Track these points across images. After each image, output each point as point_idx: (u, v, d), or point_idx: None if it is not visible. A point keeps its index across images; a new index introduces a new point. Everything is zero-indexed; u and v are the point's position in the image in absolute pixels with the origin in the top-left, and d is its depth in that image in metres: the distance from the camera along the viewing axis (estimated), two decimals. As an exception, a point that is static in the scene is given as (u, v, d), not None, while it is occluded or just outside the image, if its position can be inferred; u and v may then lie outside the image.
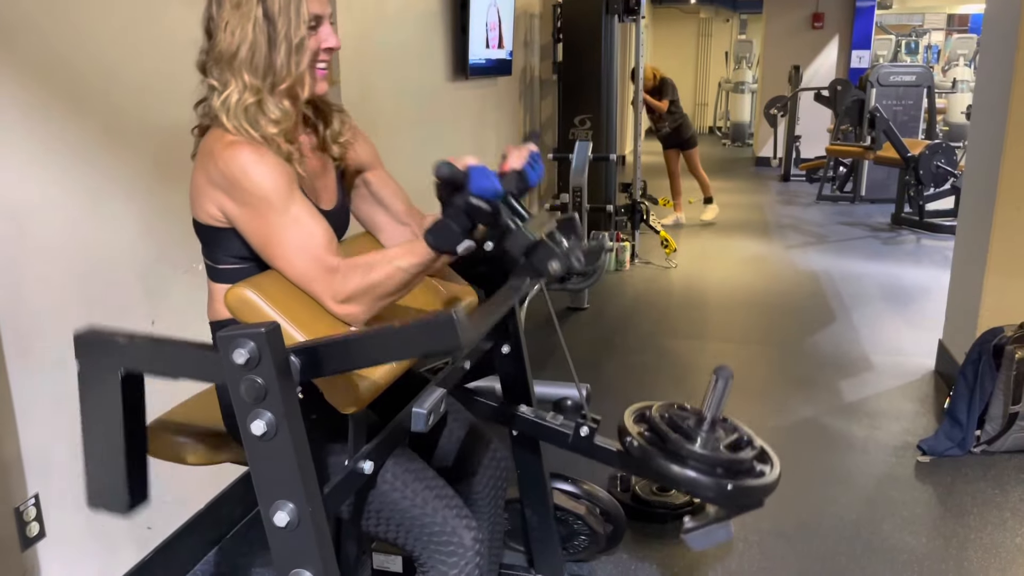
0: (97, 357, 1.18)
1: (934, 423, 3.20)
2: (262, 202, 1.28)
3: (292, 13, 1.32)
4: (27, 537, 1.75)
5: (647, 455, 1.49)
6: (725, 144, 14.82)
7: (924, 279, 5.42)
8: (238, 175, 1.28)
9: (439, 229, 1.27)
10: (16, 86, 1.68)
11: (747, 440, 1.54)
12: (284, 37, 1.32)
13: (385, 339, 1.12)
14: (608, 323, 4.59)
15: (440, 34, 4.33)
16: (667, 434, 1.49)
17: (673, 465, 1.46)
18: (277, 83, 1.34)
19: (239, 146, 1.29)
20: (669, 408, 1.61)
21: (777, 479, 1.51)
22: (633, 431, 1.55)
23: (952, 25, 16.30)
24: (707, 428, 1.50)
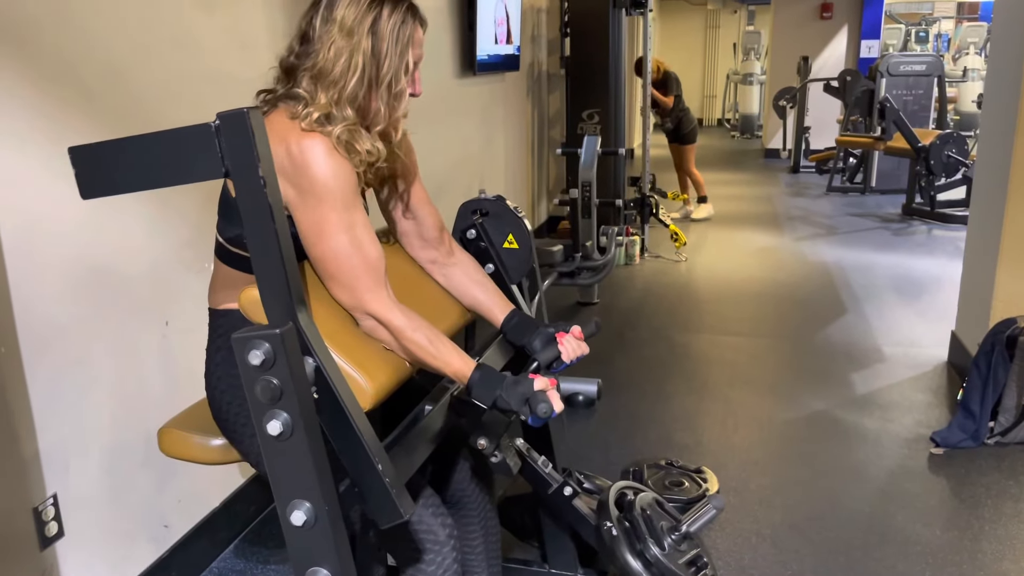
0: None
1: (947, 415, 3.18)
2: (327, 194, 1.28)
3: (398, 58, 1.33)
4: (46, 536, 1.77)
5: (615, 545, 1.60)
6: (734, 136, 14.76)
7: (936, 270, 5.39)
8: (311, 162, 1.27)
9: (488, 386, 1.35)
10: (26, 90, 1.69)
11: (704, 562, 1.64)
12: (387, 84, 1.34)
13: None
14: (618, 317, 4.59)
15: (448, 31, 4.33)
16: (641, 533, 1.61)
17: (633, 561, 1.58)
18: (372, 124, 1.37)
19: (316, 136, 1.29)
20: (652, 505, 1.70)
21: None
22: (612, 515, 1.65)
23: (962, 13, 16.16)
24: (676, 539, 1.61)
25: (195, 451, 1.58)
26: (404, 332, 1.32)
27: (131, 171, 1.10)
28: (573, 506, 1.80)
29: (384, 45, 1.32)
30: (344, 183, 1.30)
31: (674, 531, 1.63)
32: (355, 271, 1.30)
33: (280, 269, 1.09)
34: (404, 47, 1.34)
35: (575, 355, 1.58)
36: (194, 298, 2.20)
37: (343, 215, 1.29)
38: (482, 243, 1.84)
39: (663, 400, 3.40)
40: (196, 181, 1.10)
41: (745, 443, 3.01)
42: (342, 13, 1.31)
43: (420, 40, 1.39)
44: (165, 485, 2.16)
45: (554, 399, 1.31)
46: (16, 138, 1.66)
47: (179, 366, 2.16)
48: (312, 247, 1.31)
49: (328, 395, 1.13)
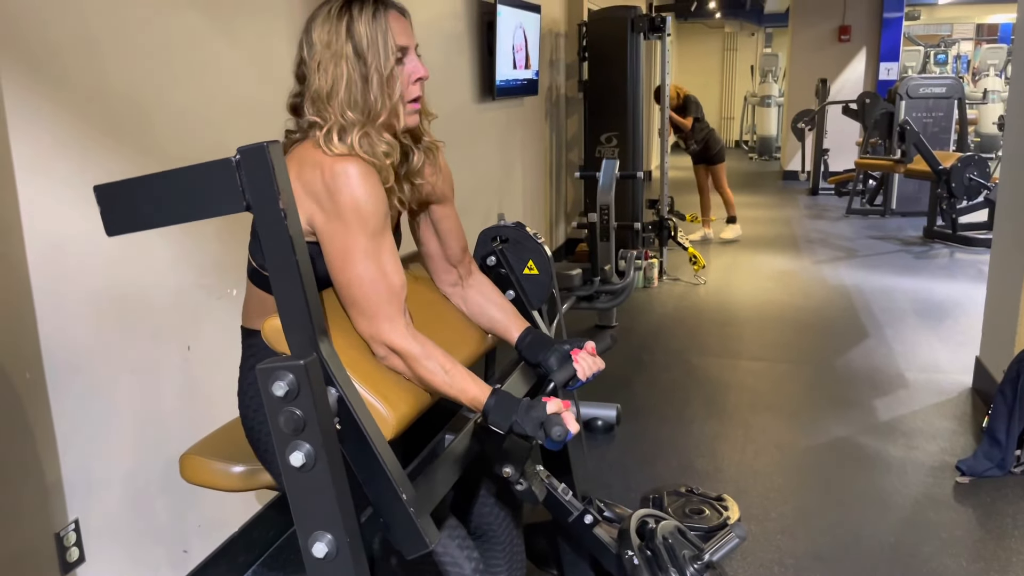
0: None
1: (972, 443, 3.14)
2: (356, 220, 1.29)
3: (380, 46, 1.36)
4: (67, 562, 1.78)
5: (636, 574, 1.57)
6: (752, 158, 14.74)
7: (959, 294, 5.33)
8: (342, 187, 1.29)
9: (504, 411, 1.34)
10: (54, 117, 1.72)
11: None
12: (375, 71, 1.36)
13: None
14: (637, 341, 4.57)
15: (467, 56, 4.37)
16: (663, 563, 1.58)
17: None
18: (374, 117, 1.37)
19: (351, 160, 1.31)
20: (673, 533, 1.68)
21: None
22: (634, 543, 1.62)
23: (981, 35, 16.12)
24: (698, 569, 1.58)
25: (217, 478, 1.58)
26: (419, 361, 1.32)
27: (155, 207, 1.11)
28: (594, 534, 1.78)
29: (364, 42, 1.35)
30: (375, 209, 1.31)
31: (696, 560, 1.60)
32: (378, 298, 1.31)
33: (302, 301, 1.09)
34: (384, 34, 1.36)
35: (591, 372, 1.57)
36: (216, 324, 2.22)
37: (371, 242, 1.30)
38: (502, 270, 1.84)
39: (683, 425, 3.37)
40: (218, 215, 1.11)
41: (766, 470, 2.97)
42: (318, 35, 1.37)
43: (403, 27, 1.40)
44: (185, 510, 2.16)
45: (568, 421, 1.30)
46: (42, 166, 1.69)
47: (201, 392, 2.17)
48: (338, 272, 1.32)
49: (351, 425, 1.13)
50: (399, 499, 1.13)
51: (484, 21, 4.52)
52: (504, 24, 4.62)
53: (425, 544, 1.15)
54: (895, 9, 10.73)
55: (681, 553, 1.61)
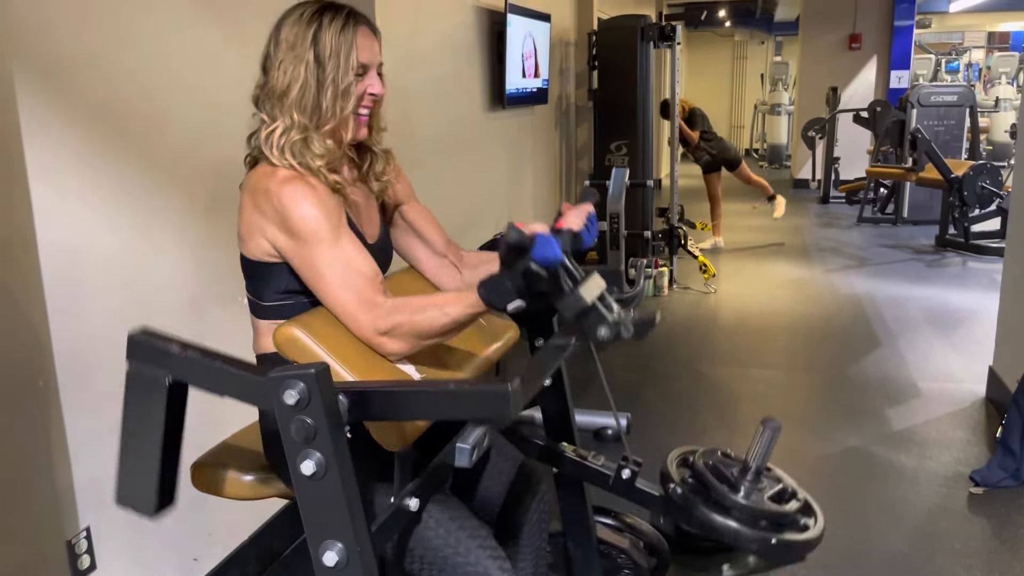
0: (147, 362, 1.23)
1: (986, 452, 3.11)
2: (312, 236, 1.32)
3: (341, 59, 1.39)
4: (78, 570, 1.78)
5: (690, 503, 1.47)
6: (762, 166, 14.71)
7: (971, 303, 5.30)
8: (290, 208, 1.32)
9: (494, 286, 1.28)
10: (74, 126, 1.73)
11: (791, 492, 1.51)
12: (331, 81, 1.39)
13: (436, 397, 1.15)
14: (647, 349, 4.56)
15: (477, 65, 4.39)
16: (711, 483, 1.47)
17: (716, 515, 1.43)
18: (322, 124, 1.40)
19: (292, 180, 1.34)
20: (713, 455, 1.59)
21: (821, 534, 1.48)
22: (676, 477, 1.53)
23: (993, 43, 16.06)
24: (751, 478, 1.47)
25: (228, 486, 1.58)
26: (413, 321, 1.30)
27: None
28: (637, 488, 1.71)
29: (327, 51, 1.38)
30: (326, 217, 1.33)
31: (745, 472, 1.49)
32: (355, 295, 1.31)
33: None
34: (348, 49, 1.39)
35: (583, 218, 1.46)
36: (226, 333, 2.22)
37: (332, 248, 1.32)
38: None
39: (693, 434, 3.36)
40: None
41: (778, 480, 2.95)
42: (286, 33, 1.40)
43: (369, 44, 1.43)
44: (195, 519, 2.16)
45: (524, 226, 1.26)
46: (56, 176, 1.70)
47: (211, 401, 2.17)
48: (314, 286, 1.34)
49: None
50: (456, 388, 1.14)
51: (494, 30, 4.54)
52: (514, 33, 4.64)
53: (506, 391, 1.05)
54: (906, 17, 10.71)
55: (729, 472, 1.54)
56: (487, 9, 4.48)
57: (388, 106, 3.34)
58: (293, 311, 1.37)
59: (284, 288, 1.40)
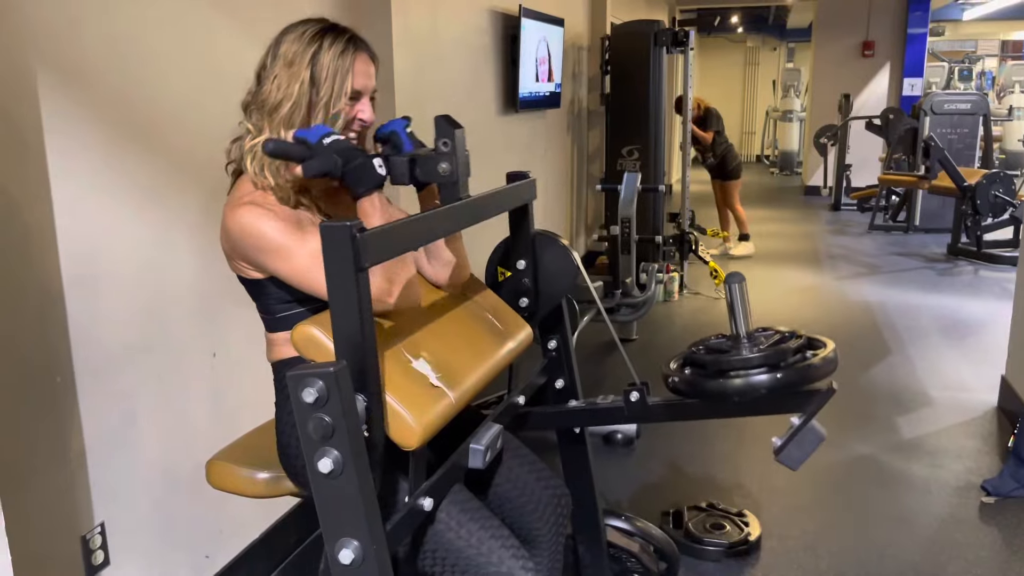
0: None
1: (998, 462, 3.10)
2: (281, 248, 1.34)
3: (336, 83, 1.40)
4: (92, 565, 1.80)
5: (695, 384, 1.49)
6: (773, 173, 14.68)
7: (984, 312, 5.27)
8: (250, 232, 1.34)
9: (353, 179, 1.31)
10: (95, 126, 1.75)
11: (790, 334, 1.51)
12: (324, 104, 1.40)
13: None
14: (657, 355, 4.55)
15: (491, 69, 4.40)
16: (706, 359, 1.50)
17: (721, 380, 1.46)
18: None
19: (241, 209, 1.36)
20: (703, 341, 1.61)
21: (833, 353, 1.48)
22: (674, 366, 1.57)
23: (1006, 51, 15.99)
24: (744, 339, 1.49)
25: (243, 484, 1.59)
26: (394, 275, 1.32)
27: None
28: (650, 405, 1.71)
29: (324, 73, 1.39)
30: (284, 226, 1.34)
31: (737, 339, 1.52)
32: None
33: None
34: (344, 74, 1.40)
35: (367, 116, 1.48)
36: (241, 331, 2.23)
37: (303, 250, 1.33)
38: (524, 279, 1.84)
39: (703, 441, 3.35)
40: None
41: (788, 487, 2.95)
42: (286, 48, 1.41)
43: (365, 69, 1.44)
44: (208, 516, 2.18)
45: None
46: (75, 172, 1.72)
47: (226, 398, 2.19)
48: (304, 285, 1.36)
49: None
50: None
51: (508, 34, 4.55)
52: (528, 37, 4.65)
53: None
54: (919, 25, 10.68)
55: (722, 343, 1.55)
56: (502, 13, 4.50)
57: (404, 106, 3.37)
58: (304, 317, 1.38)
59: (288, 298, 1.43)
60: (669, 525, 2.60)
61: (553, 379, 1.84)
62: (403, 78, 3.13)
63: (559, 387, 1.84)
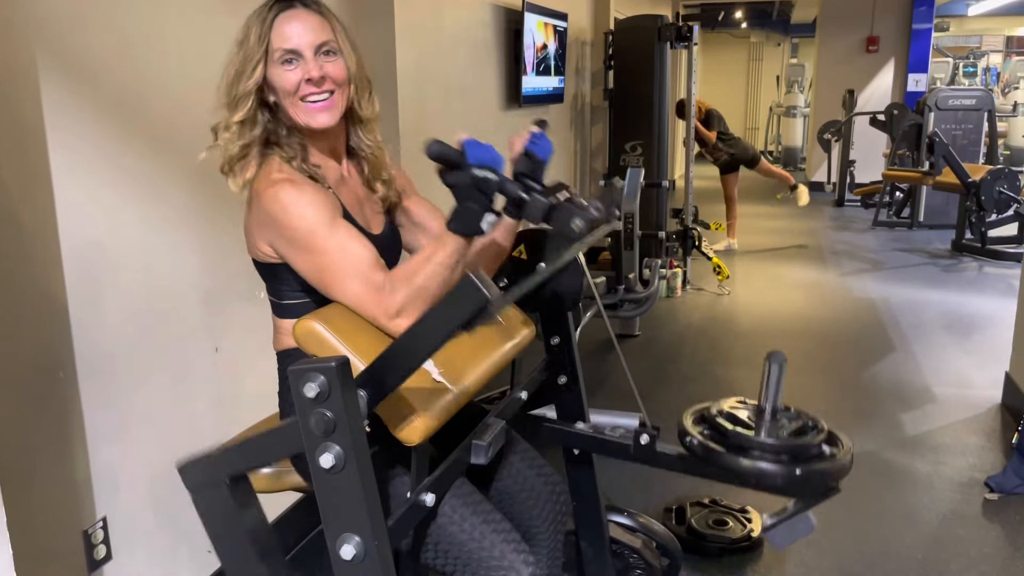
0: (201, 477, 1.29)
1: (1002, 459, 3.09)
2: (308, 236, 1.31)
3: (251, 49, 1.35)
4: (94, 559, 1.80)
5: (710, 452, 1.45)
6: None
7: (988, 308, 5.26)
8: (280, 214, 1.31)
9: (457, 214, 1.26)
10: (91, 121, 1.74)
11: (812, 425, 1.48)
12: (235, 75, 1.36)
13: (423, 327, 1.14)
14: (660, 351, 4.55)
15: (494, 64, 4.39)
16: (728, 430, 1.46)
17: (738, 458, 1.41)
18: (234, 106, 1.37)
19: (278, 185, 1.32)
20: (727, 404, 1.58)
21: (850, 460, 1.45)
22: (694, 431, 1.51)
23: (1011, 47, 15.93)
24: (768, 418, 1.45)
25: (243, 479, 1.59)
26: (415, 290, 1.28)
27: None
28: (657, 451, 1.70)
29: (250, 39, 1.35)
30: (318, 215, 1.31)
31: (761, 414, 1.47)
32: (362, 283, 1.30)
33: None
34: (260, 38, 1.34)
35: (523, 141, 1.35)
36: (243, 325, 2.23)
37: (330, 240, 1.31)
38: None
39: (706, 436, 3.34)
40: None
41: (791, 483, 2.94)
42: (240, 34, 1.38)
43: (296, 27, 1.35)
44: (210, 511, 2.17)
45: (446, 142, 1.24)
46: (78, 169, 1.72)
47: (228, 392, 2.19)
48: (319, 283, 1.33)
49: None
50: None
51: (511, 28, 4.54)
52: (531, 32, 4.64)
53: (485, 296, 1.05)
54: (924, 20, 10.65)
55: (745, 417, 1.50)
56: (504, 7, 4.48)
57: (407, 101, 3.34)
58: (312, 307, 1.37)
59: (301, 286, 1.40)
60: (672, 521, 2.60)
61: (555, 375, 1.84)
62: (406, 71, 3.11)
63: (562, 383, 1.84)
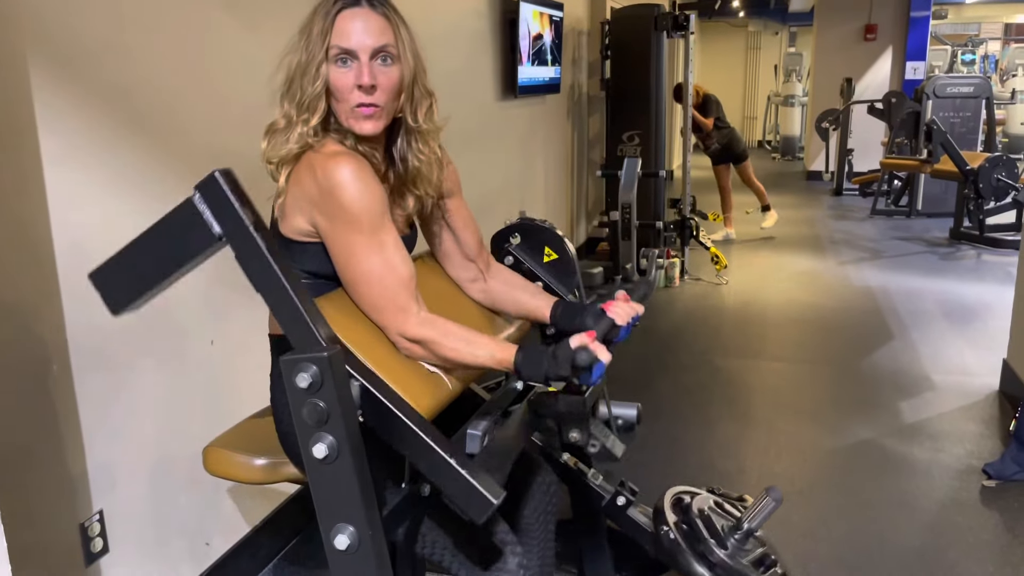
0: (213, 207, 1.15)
1: (999, 446, 3.09)
2: (354, 219, 1.28)
3: (315, 44, 1.32)
4: (91, 552, 1.79)
5: (676, 550, 1.53)
6: (775, 158, 14.63)
7: (986, 295, 5.26)
8: (335, 188, 1.27)
9: (534, 362, 1.31)
10: (82, 113, 1.73)
11: (772, 560, 1.56)
12: (301, 71, 1.33)
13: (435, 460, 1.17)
14: (659, 341, 4.55)
15: (489, 54, 4.37)
16: (701, 534, 1.53)
17: (698, 566, 1.50)
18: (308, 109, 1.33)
19: (342, 158, 1.29)
20: (708, 503, 1.64)
21: None
22: (670, 520, 1.58)
23: (1009, 34, 15.89)
24: (740, 538, 1.53)
25: (239, 470, 1.59)
26: (439, 343, 1.30)
27: (143, 272, 1.13)
28: (628, 516, 1.74)
29: (312, 35, 1.33)
30: (371, 204, 1.29)
31: (736, 530, 1.54)
32: (387, 292, 1.29)
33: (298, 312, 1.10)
34: (323, 33, 1.32)
35: (629, 316, 1.50)
36: (239, 318, 2.23)
37: (372, 237, 1.29)
38: (524, 265, 1.84)
39: (704, 426, 3.35)
40: (201, 257, 1.12)
41: (788, 472, 2.95)
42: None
43: (359, 26, 1.32)
44: (208, 503, 2.18)
45: (597, 349, 1.26)
46: (69, 160, 1.71)
47: (224, 385, 2.19)
48: (344, 271, 1.32)
49: (382, 412, 1.13)
50: (450, 465, 1.12)
51: (507, 19, 4.52)
52: (526, 22, 4.61)
53: (490, 502, 1.12)
54: (922, 8, 10.61)
55: (720, 524, 1.56)
56: (500, -3, 4.46)
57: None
58: (316, 293, 1.35)
59: (311, 268, 1.37)
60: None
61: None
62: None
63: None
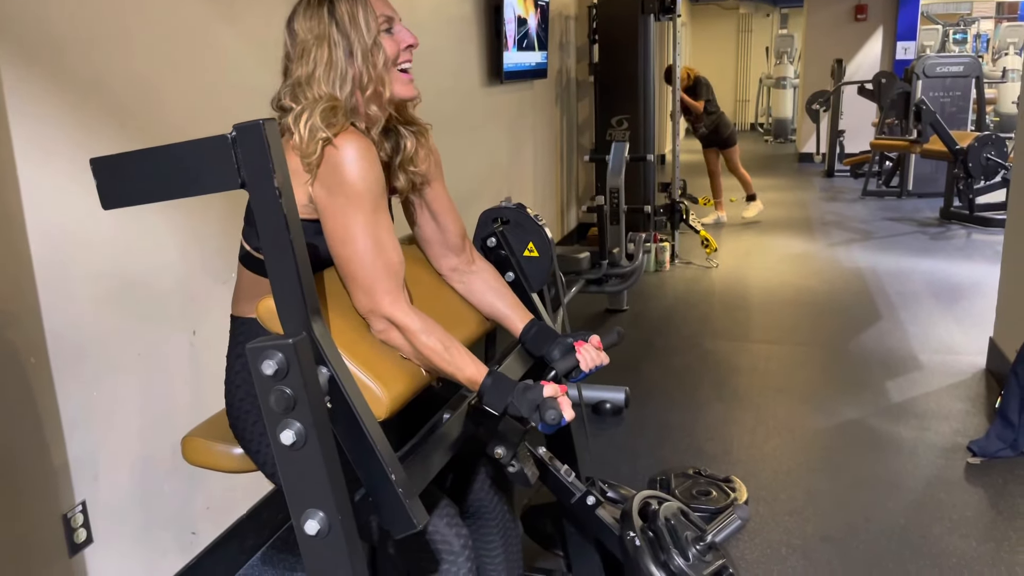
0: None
1: (985, 423, 3.11)
2: (356, 197, 1.30)
3: (361, 19, 1.36)
4: (75, 543, 1.80)
5: (637, 554, 1.57)
6: (767, 140, 14.62)
7: (975, 275, 5.27)
8: (342, 163, 1.29)
9: (500, 393, 1.34)
10: (55, 106, 1.72)
11: (731, 574, 1.60)
12: (358, 44, 1.36)
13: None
14: (648, 324, 4.56)
15: (474, 39, 4.35)
16: (664, 541, 1.58)
17: (656, 571, 1.54)
18: (362, 89, 1.37)
19: (352, 135, 1.31)
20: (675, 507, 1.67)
21: None
22: (636, 525, 1.61)
23: (1001, 13, 15.85)
24: (701, 549, 1.57)
25: (218, 459, 1.59)
26: (418, 336, 1.31)
27: (150, 182, 1.12)
28: (596, 516, 1.78)
29: (346, 19, 1.36)
30: (373, 185, 1.31)
31: (699, 541, 1.60)
32: (376, 274, 1.31)
33: (295, 280, 1.09)
34: (364, 8, 1.37)
35: (593, 364, 1.56)
36: (220, 308, 2.22)
37: (370, 217, 1.31)
38: (502, 251, 1.83)
39: (693, 409, 3.36)
40: (213, 192, 1.11)
41: (776, 452, 2.96)
42: (300, 24, 1.38)
43: (375, 1, 1.40)
44: (193, 492, 2.18)
45: (564, 406, 1.30)
46: (46, 152, 1.70)
47: (206, 375, 2.19)
48: (338, 247, 1.32)
49: (342, 405, 1.13)
50: (388, 479, 1.13)
51: (491, 4, 4.49)
52: (511, 7, 4.59)
53: (413, 524, 1.15)
54: (912, -13, 10.59)
55: (684, 534, 1.61)
56: (484, -18, 4.43)
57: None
58: None
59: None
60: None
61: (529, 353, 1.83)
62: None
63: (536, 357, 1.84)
